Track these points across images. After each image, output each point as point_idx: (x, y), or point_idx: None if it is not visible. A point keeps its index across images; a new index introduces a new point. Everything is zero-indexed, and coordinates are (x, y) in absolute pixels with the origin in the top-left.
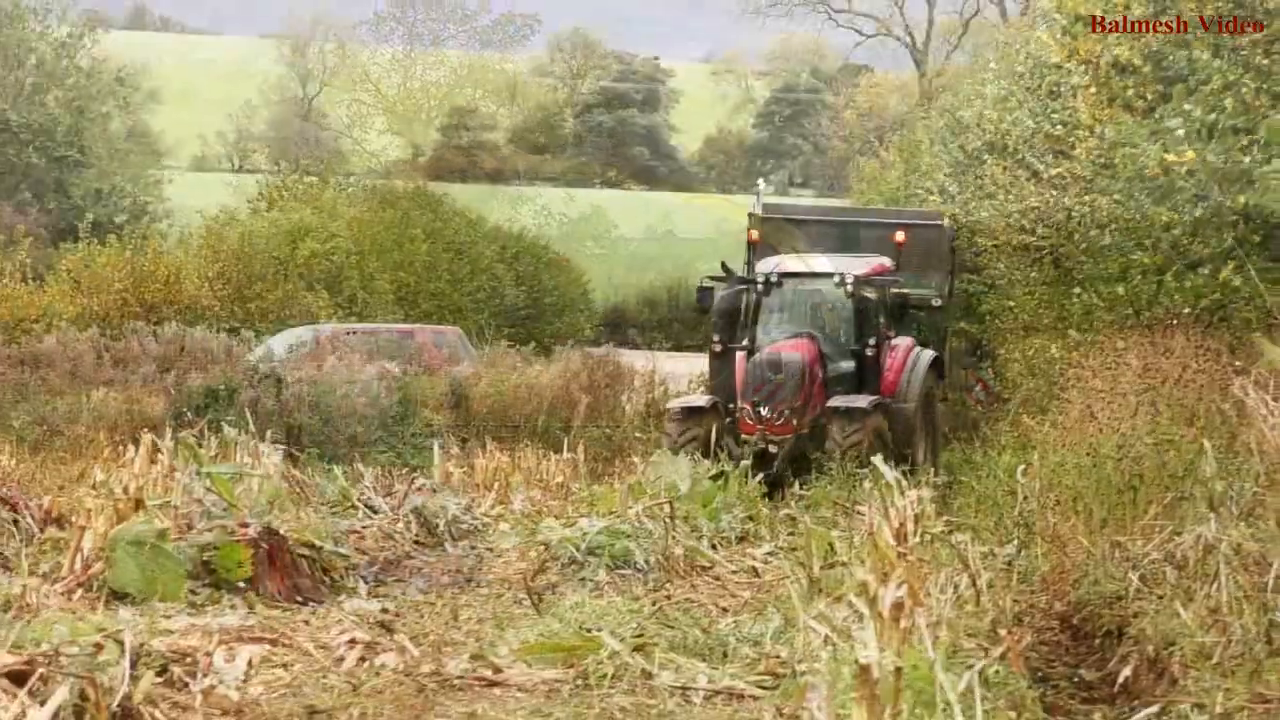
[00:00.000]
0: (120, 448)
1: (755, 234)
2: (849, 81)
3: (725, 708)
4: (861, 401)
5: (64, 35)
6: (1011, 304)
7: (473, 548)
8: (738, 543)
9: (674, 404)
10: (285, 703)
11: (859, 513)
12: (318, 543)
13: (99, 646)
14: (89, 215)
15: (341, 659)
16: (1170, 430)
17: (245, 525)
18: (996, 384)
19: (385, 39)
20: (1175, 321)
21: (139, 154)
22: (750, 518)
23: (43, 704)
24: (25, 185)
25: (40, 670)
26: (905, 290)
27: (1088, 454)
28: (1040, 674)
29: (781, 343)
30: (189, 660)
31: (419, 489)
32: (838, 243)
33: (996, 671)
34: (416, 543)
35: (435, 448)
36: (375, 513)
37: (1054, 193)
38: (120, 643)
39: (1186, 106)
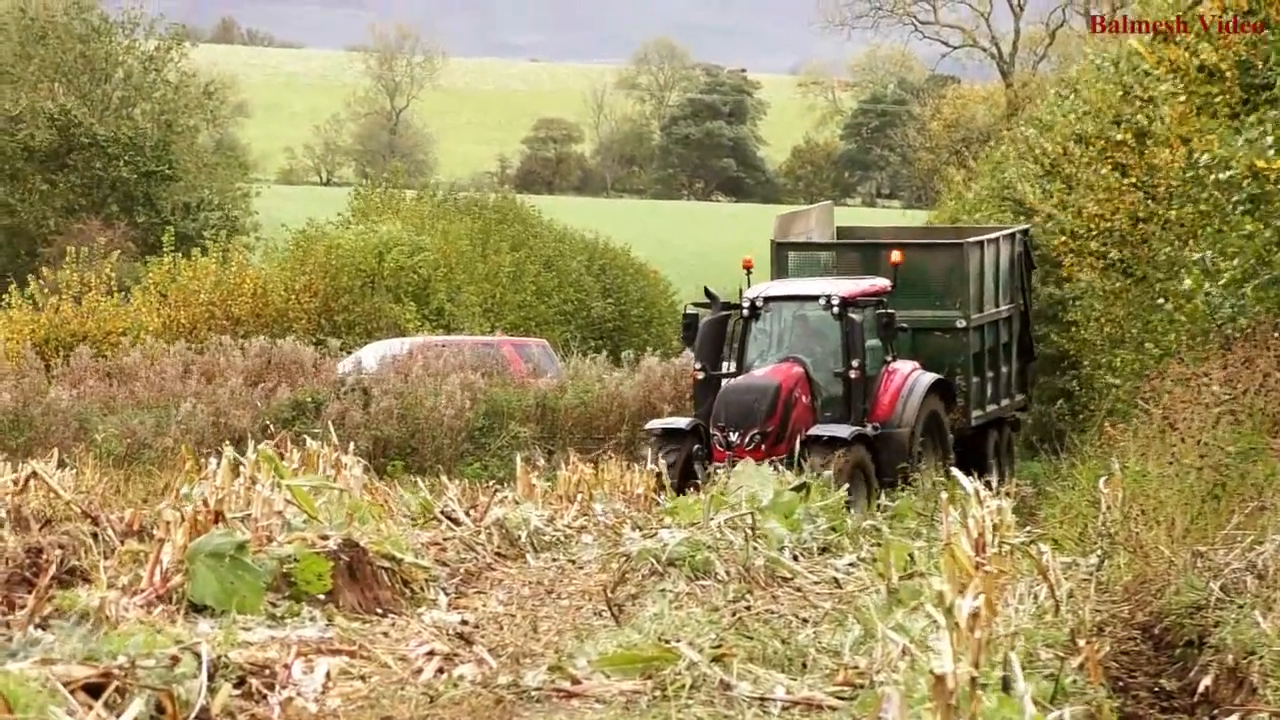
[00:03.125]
0: (204, 461)
1: (751, 259)
2: (935, 93)
3: (803, 718)
4: (843, 431)
5: (151, 49)
6: (1096, 314)
7: (554, 559)
8: (820, 554)
9: (653, 425)
10: (363, 714)
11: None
12: (398, 555)
13: (175, 659)
14: (170, 228)
15: (419, 670)
16: (1252, 439)
17: (325, 537)
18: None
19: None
20: (1256, 332)
21: (226, 167)
22: (833, 528)
23: (119, 716)
24: (113, 199)
25: (116, 682)
26: (890, 310)
27: (1170, 464)
28: (1120, 684)
29: (762, 368)
30: (267, 672)
31: (501, 501)
32: (858, 267)
33: (1074, 681)
34: (498, 554)
35: (518, 460)
36: (457, 525)
37: (1133, 200)
38: (197, 655)
39: (1273, 113)
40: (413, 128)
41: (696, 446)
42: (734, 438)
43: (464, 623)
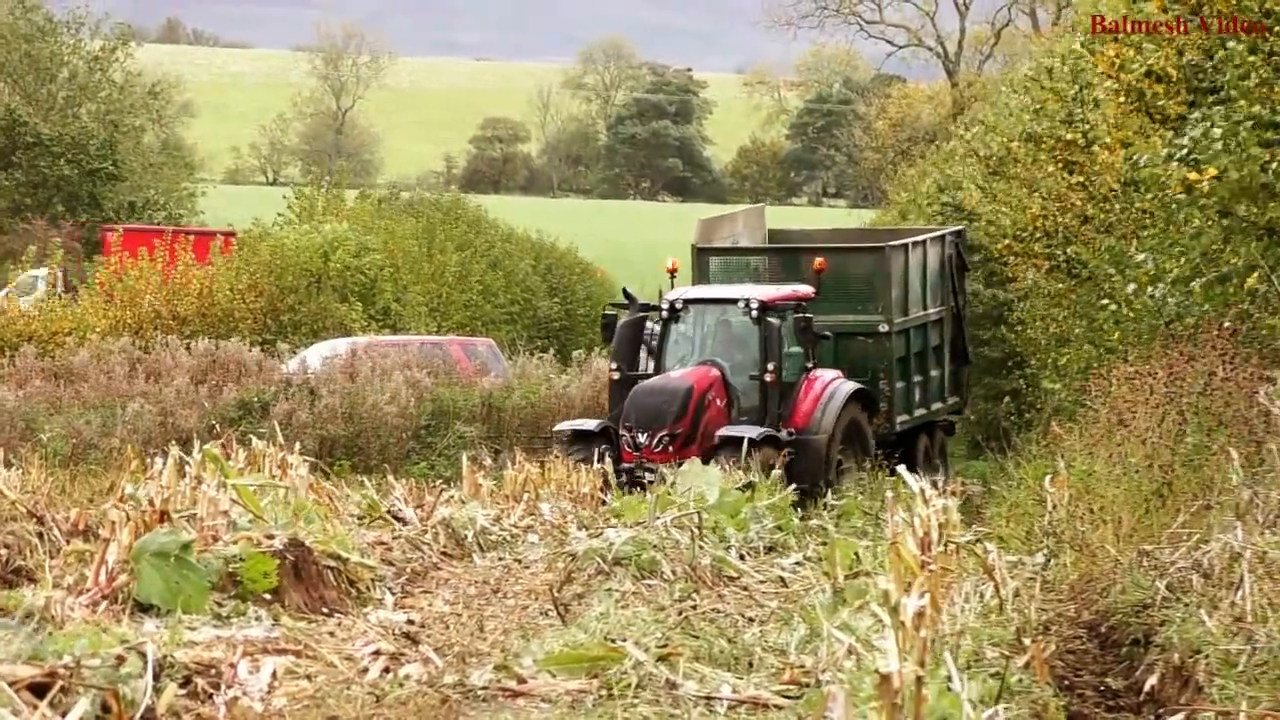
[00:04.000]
0: (150, 460)
1: (676, 262)
2: (881, 92)
3: (749, 717)
4: (752, 432)
5: (96, 49)
6: (1040, 314)
7: (500, 559)
8: (766, 553)
9: (563, 426)
10: (309, 714)
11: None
12: (344, 554)
13: (121, 658)
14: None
15: (365, 670)
16: (1197, 439)
17: (271, 537)
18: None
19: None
20: (1202, 331)
21: (172, 167)
22: (779, 528)
23: (64, 716)
24: (58, 198)
25: (61, 682)
26: (809, 315)
27: (1116, 463)
28: (1066, 682)
29: (676, 371)
30: (213, 672)
31: (448, 500)
32: (781, 271)
33: (1020, 680)
34: (444, 554)
35: (464, 459)
36: (403, 524)
37: (1076, 201)
38: (143, 654)
39: (1206, 120)
40: (359, 127)
41: (605, 447)
42: (643, 439)
43: (410, 622)
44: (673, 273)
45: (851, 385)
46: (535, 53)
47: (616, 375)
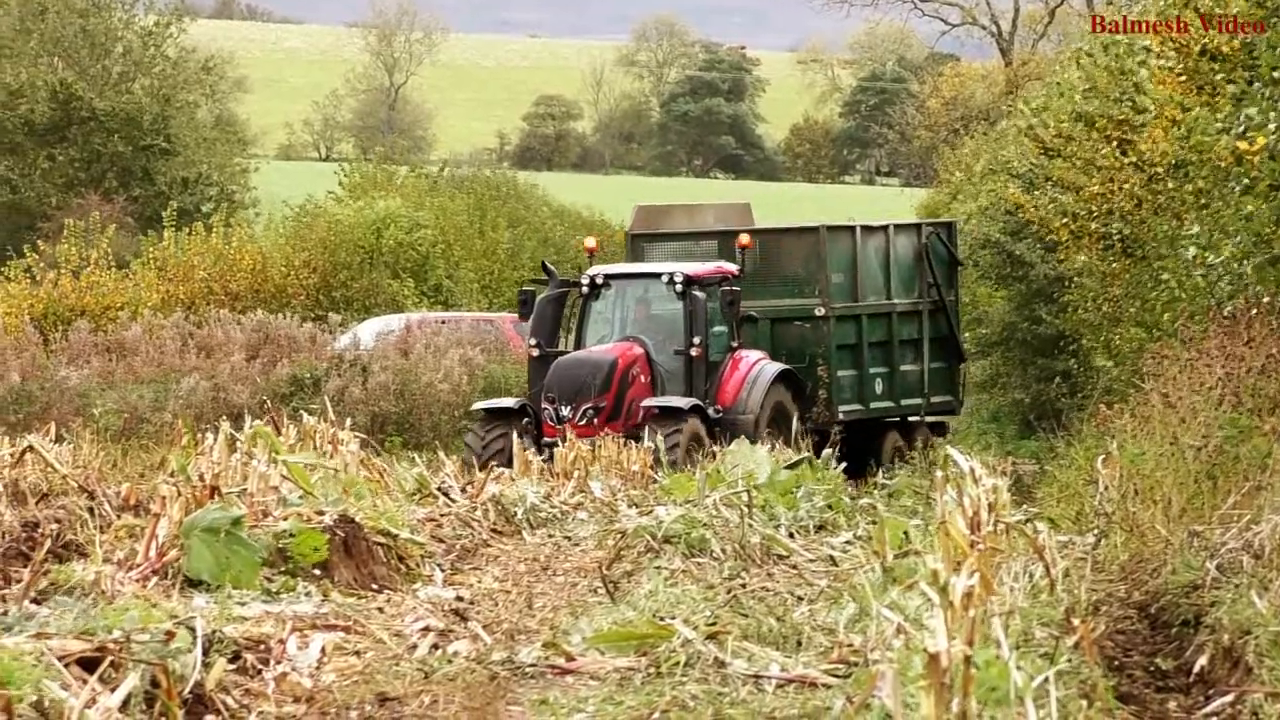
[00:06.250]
0: (201, 436)
1: (594, 242)
2: (934, 70)
3: (797, 696)
4: (680, 403)
5: (150, 24)
6: (1093, 294)
7: (550, 536)
8: (815, 531)
9: (480, 405)
10: (357, 690)
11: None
12: (394, 530)
13: (171, 633)
14: (174, 203)
15: (414, 646)
16: (1249, 420)
17: (321, 513)
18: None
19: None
20: (1256, 311)
21: (225, 142)
22: (829, 506)
23: (113, 691)
24: (111, 173)
25: (111, 657)
26: (734, 289)
27: (1167, 443)
28: (1115, 663)
29: (599, 346)
30: (262, 647)
31: (498, 477)
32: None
33: (1069, 660)
34: (494, 531)
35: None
36: (453, 501)
37: (1128, 180)
38: (192, 629)
39: (1264, 92)
40: (412, 104)
41: (526, 420)
42: (565, 412)
43: (459, 599)
44: (591, 253)
45: (777, 366)
46: (588, 30)
47: (536, 353)
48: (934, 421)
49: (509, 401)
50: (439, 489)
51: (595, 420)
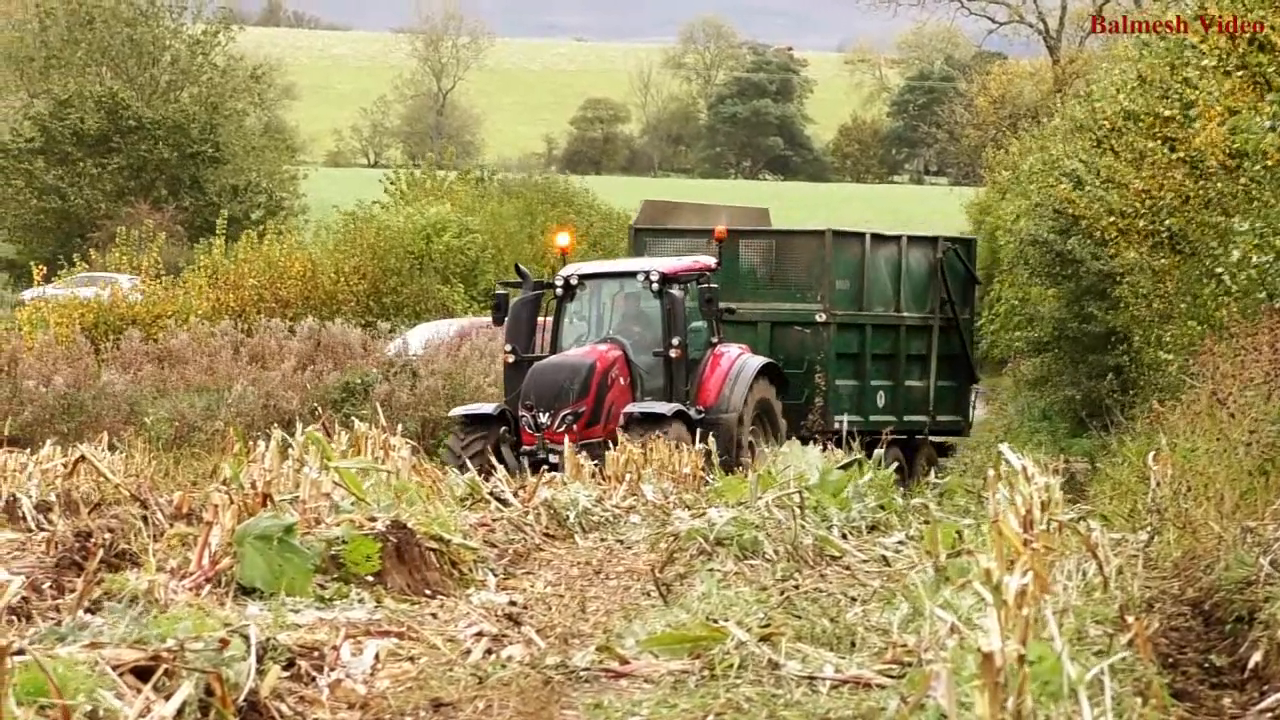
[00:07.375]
0: (253, 444)
1: (567, 239)
2: (982, 69)
3: (851, 696)
4: (663, 408)
5: (198, 32)
6: (1144, 291)
7: (603, 540)
8: (868, 532)
9: (458, 411)
10: (411, 696)
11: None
12: (446, 536)
13: (224, 641)
14: (224, 211)
15: (468, 652)
16: None
17: (373, 519)
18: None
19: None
20: None
21: (274, 150)
22: (882, 507)
23: (168, 699)
24: (161, 182)
25: (165, 665)
26: (713, 286)
27: (1219, 439)
28: (1170, 660)
29: (574, 350)
30: (316, 654)
31: (549, 481)
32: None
33: (1124, 658)
34: (546, 535)
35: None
36: (505, 505)
37: (1175, 176)
38: (246, 637)
39: None
40: (460, 109)
41: (504, 430)
42: (544, 419)
43: (512, 603)
44: (564, 253)
45: (759, 360)
46: (635, 33)
47: (511, 358)
48: (938, 442)
49: (488, 407)
50: (491, 493)
51: (575, 426)
